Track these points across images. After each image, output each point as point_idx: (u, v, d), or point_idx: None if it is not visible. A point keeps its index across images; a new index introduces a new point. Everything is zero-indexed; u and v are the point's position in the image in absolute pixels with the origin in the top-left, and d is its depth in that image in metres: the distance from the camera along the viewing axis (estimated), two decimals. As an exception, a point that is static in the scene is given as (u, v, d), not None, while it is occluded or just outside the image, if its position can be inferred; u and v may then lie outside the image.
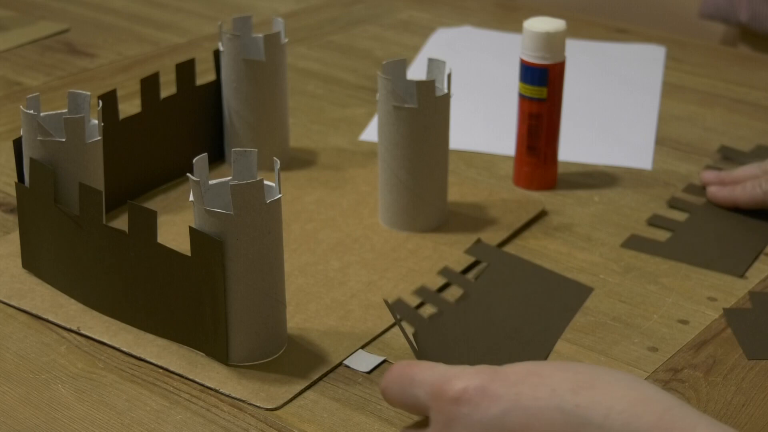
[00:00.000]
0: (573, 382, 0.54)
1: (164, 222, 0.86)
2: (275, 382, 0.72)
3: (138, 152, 0.92)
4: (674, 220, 0.91)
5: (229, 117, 0.97)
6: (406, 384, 0.59)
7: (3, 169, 0.99)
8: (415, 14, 1.39)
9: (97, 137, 0.80)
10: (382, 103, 0.86)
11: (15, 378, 0.72)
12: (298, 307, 0.79)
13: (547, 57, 0.92)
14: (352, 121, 1.09)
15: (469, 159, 1.02)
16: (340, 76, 1.20)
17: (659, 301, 0.81)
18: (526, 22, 0.92)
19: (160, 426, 0.68)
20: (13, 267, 0.83)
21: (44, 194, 0.78)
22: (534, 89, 0.93)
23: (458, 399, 0.55)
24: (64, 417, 0.69)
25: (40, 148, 0.78)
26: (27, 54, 1.25)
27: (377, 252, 0.86)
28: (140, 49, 1.27)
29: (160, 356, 0.74)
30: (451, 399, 0.56)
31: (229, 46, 0.94)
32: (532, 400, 0.54)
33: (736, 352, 0.75)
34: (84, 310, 0.78)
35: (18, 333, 0.77)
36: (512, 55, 1.01)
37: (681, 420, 0.52)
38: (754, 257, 0.86)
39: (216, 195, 0.71)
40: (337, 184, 0.96)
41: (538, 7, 1.31)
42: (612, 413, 0.52)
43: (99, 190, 0.76)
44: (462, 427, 0.55)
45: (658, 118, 1.10)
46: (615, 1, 1.59)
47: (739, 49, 1.41)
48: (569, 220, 0.91)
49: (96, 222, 0.76)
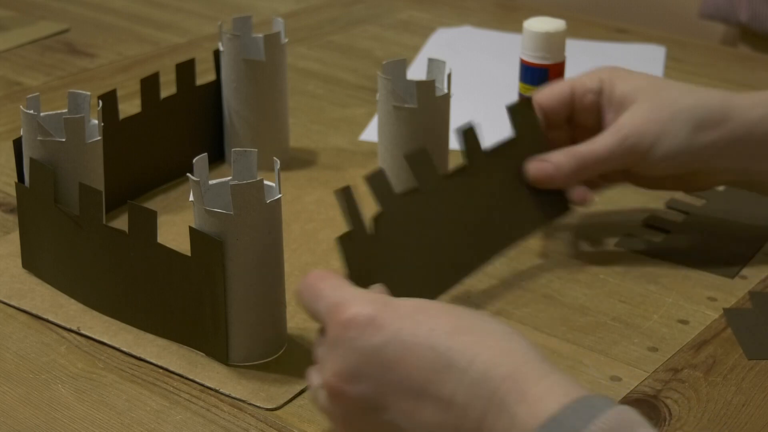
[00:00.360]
0: (453, 325, 0.58)
1: (164, 222, 0.86)
2: (275, 382, 0.72)
3: (138, 152, 0.92)
4: (671, 221, 0.91)
5: (229, 117, 0.97)
6: (312, 297, 0.63)
7: (3, 169, 0.99)
8: (415, 14, 1.39)
9: (97, 137, 0.80)
10: (382, 103, 0.86)
11: (15, 378, 0.72)
12: (298, 307, 0.79)
13: (547, 57, 0.92)
14: (352, 121, 1.09)
15: (469, 159, 1.02)
16: (340, 76, 1.20)
17: (659, 301, 0.81)
18: (526, 22, 0.92)
19: (160, 426, 0.68)
20: (13, 267, 0.83)
21: (44, 194, 0.78)
22: (534, 89, 0.93)
23: (347, 323, 0.59)
24: (64, 417, 0.69)
25: (40, 148, 0.78)
26: (27, 54, 1.25)
27: (377, 252, 0.86)
28: (140, 49, 1.27)
29: (160, 356, 0.74)
30: (342, 322, 0.60)
31: (229, 46, 0.94)
32: (411, 336, 0.58)
33: (736, 352, 0.75)
34: (84, 310, 0.78)
35: (18, 333, 0.77)
36: (512, 55, 1.01)
37: (534, 371, 0.56)
38: (747, 260, 0.86)
39: (216, 195, 0.71)
40: (337, 184, 0.96)
41: (538, 7, 1.31)
42: (476, 360, 0.56)
43: (99, 190, 0.76)
44: (344, 350, 0.59)
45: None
46: (615, 1, 1.59)
47: (739, 49, 1.41)
48: (569, 220, 0.91)
49: (96, 222, 0.76)
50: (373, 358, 0.59)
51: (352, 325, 0.59)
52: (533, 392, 0.55)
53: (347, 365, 0.59)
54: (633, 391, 0.71)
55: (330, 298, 0.62)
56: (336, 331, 0.60)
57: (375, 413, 0.59)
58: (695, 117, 0.81)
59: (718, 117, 0.81)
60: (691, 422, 0.69)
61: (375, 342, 0.59)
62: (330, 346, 0.60)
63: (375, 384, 0.59)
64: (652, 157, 0.81)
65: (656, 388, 0.72)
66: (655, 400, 0.70)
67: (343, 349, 0.59)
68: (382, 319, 0.59)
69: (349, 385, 0.59)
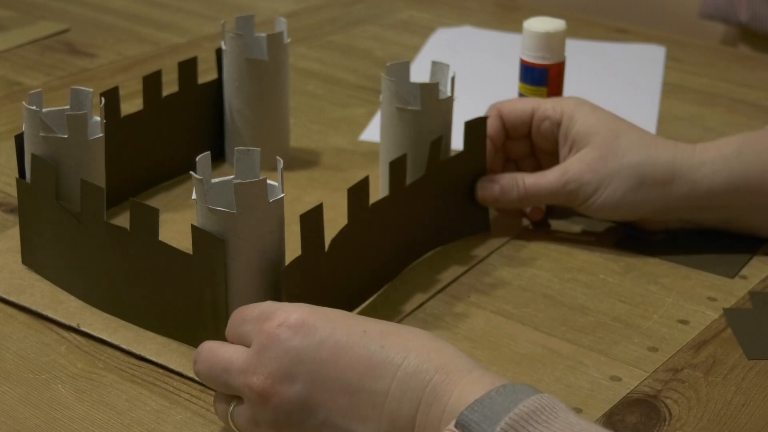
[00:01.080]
0: (383, 328, 0.62)
1: (165, 220, 0.86)
2: (276, 381, 0.72)
3: (139, 149, 0.92)
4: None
5: (230, 116, 0.97)
6: (237, 321, 0.65)
7: (3, 169, 0.99)
8: (415, 14, 1.39)
9: (99, 134, 0.80)
10: (385, 105, 0.86)
11: (15, 378, 0.72)
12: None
13: (547, 57, 0.92)
14: (352, 121, 1.09)
15: (469, 159, 1.02)
16: (340, 76, 1.20)
17: (659, 301, 0.81)
18: (526, 22, 0.92)
19: (160, 426, 0.68)
20: (12, 263, 0.83)
21: (45, 190, 0.78)
22: (534, 89, 0.93)
23: (278, 327, 0.62)
24: (64, 417, 0.69)
25: (42, 144, 0.78)
26: (27, 54, 1.25)
27: (378, 251, 0.86)
28: (140, 49, 1.27)
29: (159, 354, 0.74)
30: (272, 327, 0.62)
31: (231, 45, 0.94)
32: (346, 336, 0.61)
33: (736, 352, 0.75)
34: (84, 306, 0.78)
35: (18, 333, 0.77)
36: (512, 55, 1.01)
37: (463, 365, 0.59)
38: (746, 260, 0.86)
39: (218, 193, 0.71)
40: (337, 184, 0.96)
41: (538, 7, 1.31)
42: (410, 355, 0.60)
43: (100, 186, 0.76)
44: (278, 351, 0.61)
45: (658, 118, 1.10)
46: (615, 1, 1.59)
47: (739, 49, 1.41)
48: (569, 220, 0.91)
49: (97, 219, 0.76)
50: (307, 358, 0.61)
51: (284, 328, 0.61)
52: (463, 382, 0.58)
53: (280, 366, 0.61)
54: (633, 391, 0.71)
55: (258, 311, 0.64)
56: (265, 336, 0.62)
57: (307, 413, 0.61)
58: (639, 174, 0.83)
59: (662, 177, 0.83)
60: (691, 422, 0.69)
61: (309, 342, 0.61)
62: (258, 352, 0.62)
63: (309, 383, 0.60)
64: (591, 205, 0.85)
65: (656, 388, 0.72)
66: (655, 400, 0.71)
67: (276, 351, 0.61)
68: (313, 321, 0.62)
69: (282, 386, 0.61)
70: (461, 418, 0.55)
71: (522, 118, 0.88)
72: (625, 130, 0.85)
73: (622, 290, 0.82)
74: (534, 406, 0.55)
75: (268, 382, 0.61)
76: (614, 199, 0.84)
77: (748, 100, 1.15)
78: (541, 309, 0.80)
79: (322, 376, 0.60)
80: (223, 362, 0.64)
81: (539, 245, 0.88)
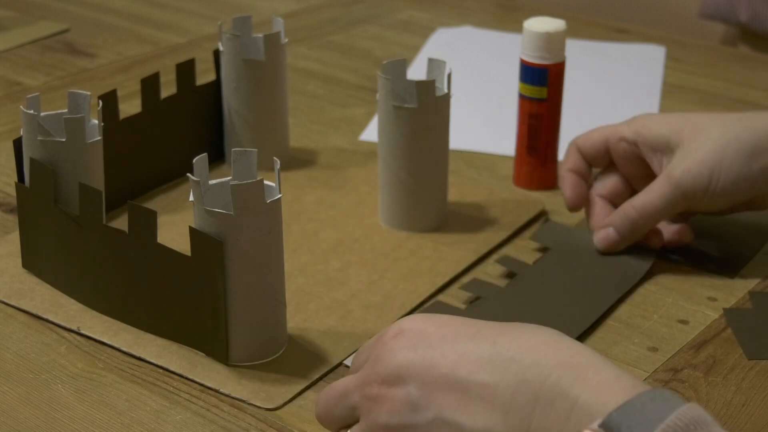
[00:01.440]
0: (497, 328, 0.59)
1: (164, 222, 0.86)
2: (275, 382, 0.72)
3: (138, 152, 0.92)
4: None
5: (229, 117, 0.97)
6: (356, 366, 0.63)
7: (3, 169, 0.99)
8: (415, 14, 1.39)
9: (97, 137, 0.80)
10: (382, 103, 0.86)
11: (15, 378, 0.72)
12: (298, 307, 0.79)
13: (547, 57, 0.92)
14: (352, 121, 1.09)
15: (469, 159, 1.02)
16: (340, 76, 1.20)
17: (659, 301, 0.81)
18: (526, 22, 0.92)
19: (160, 426, 0.68)
20: (13, 267, 0.83)
21: (44, 194, 0.78)
22: (534, 89, 0.93)
23: (393, 336, 0.60)
24: (64, 417, 0.69)
25: (40, 148, 0.78)
26: (27, 54, 1.25)
27: (377, 252, 0.86)
28: (140, 49, 1.27)
29: (160, 356, 0.74)
30: (388, 337, 0.60)
31: (229, 46, 0.94)
32: (456, 335, 0.59)
33: (736, 352, 0.75)
34: (84, 309, 0.78)
35: (18, 333, 0.77)
36: (512, 55, 1.01)
37: (591, 362, 0.56)
38: (746, 260, 0.86)
39: (216, 195, 0.71)
40: (337, 184, 0.96)
41: (538, 7, 1.31)
42: (525, 349, 0.57)
43: (99, 190, 0.76)
44: (388, 356, 0.60)
45: (658, 118, 1.10)
46: (615, 1, 1.59)
47: (739, 49, 1.41)
48: (569, 220, 0.91)
49: (96, 222, 0.76)
50: (417, 359, 0.59)
51: (397, 338, 0.60)
52: (596, 380, 0.54)
53: (391, 371, 0.59)
54: (633, 391, 0.71)
55: (369, 344, 0.63)
56: (378, 349, 0.61)
57: (418, 412, 0.58)
58: (745, 147, 0.81)
59: (765, 142, 0.81)
60: (691, 422, 0.69)
61: (419, 344, 0.59)
62: (371, 365, 0.61)
63: (420, 383, 0.58)
64: (710, 195, 0.81)
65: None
66: (655, 400, 0.70)
67: (386, 358, 0.60)
68: (425, 327, 0.60)
69: (394, 389, 0.59)
70: (610, 420, 0.52)
71: (597, 147, 0.86)
72: (706, 116, 0.83)
73: (621, 290, 0.82)
74: (688, 417, 0.52)
75: (382, 388, 0.60)
76: (732, 178, 0.80)
77: (748, 100, 1.15)
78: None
79: (432, 374, 0.58)
80: (340, 389, 0.63)
81: (539, 245, 0.88)
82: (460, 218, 0.91)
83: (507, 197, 0.94)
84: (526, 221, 0.91)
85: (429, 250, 0.86)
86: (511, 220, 0.90)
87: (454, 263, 0.84)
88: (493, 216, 0.91)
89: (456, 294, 0.81)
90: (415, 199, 0.88)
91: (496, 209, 0.92)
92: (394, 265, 0.84)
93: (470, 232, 0.89)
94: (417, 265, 0.84)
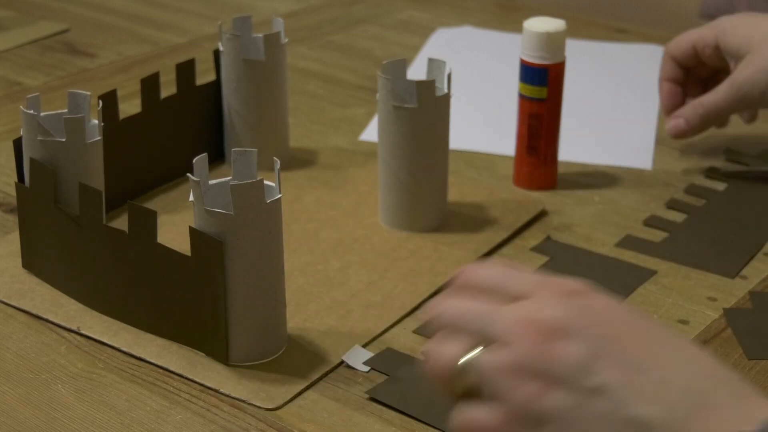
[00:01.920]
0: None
1: (164, 222, 0.86)
2: (275, 382, 0.72)
3: (138, 152, 0.92)
4: (671, 221, 0.91)
5: (229, 117, 0.97)
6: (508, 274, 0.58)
7: (3, 169, 0.99)
8: (415, 14, 1.39)
9: (97, 137, 0.80)
10: (382, 103, 0.86)
11: (15, 378, 0.72)
12: (298, 307, 0.79)
13: (547, 57, 0.92)
14: (352, 121, 1.09)
15: (469, 159, 1.02)
16: (340, 76, 1.20)
17: (659, 301, 0.81)
18: (526, 22, 0.92)
19: (160, 426, 0.68)
20: (13, 267, 0.83)
21: (44, 194, 0.78)
22: (534, 89, 0.93)
23: (574, 289, 0.56)
24: (64, 417, 0.69)
25: (40, 148, 0.78)
26: (27, 54, 1.25)
27: (377, 252, 0.86)
28: (140, 49, 1.27)
29: (160, 356, 0.74)
30: (566, 288, 0.56)
31: (228, 46, 0.94)
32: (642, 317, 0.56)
33: (736, 352, 0.75)
34: (84, 309, 0.78)
35: (18, 333, 0.77)
36: (512, 55, 1.01)
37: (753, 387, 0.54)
38: (747, 260, 0.86)
39: (216, 195, 0.71)
40: (337, 184, 0.96)
41: (538, 7, 1.31)
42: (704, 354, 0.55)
43: (99, 190, 0.76)
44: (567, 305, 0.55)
45: (658, 118, 1.10)
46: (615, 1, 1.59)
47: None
48: (569, 220, 0.91)
49: (96, 222, 0.76)
50: (599, 320, 0.55)
51: (582, 291, 0.56)
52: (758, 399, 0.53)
53: (565, 318, 0.55)
54: (633, 391, 0.71)
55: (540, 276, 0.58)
56: (555, 292, 0.56)
57: (583, 375, 0.54)
58: None
59: None
60: (691, 422, 0.69)
61: (608, 306, 0.56)
62: (541, 302, 0.56)
63: (595, 347, 0.54)
64: (765, 100, 0.94)
65: (656, 388, 0.72)
66: (655, 400, 0.70)
67: (565, 305, 0.55)
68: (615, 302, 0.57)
69: (565, 341, 0.54)
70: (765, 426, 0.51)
71: (687, 52, 0.98)
72: None
73: (621, 290, 0.82)
74: None
75: (555, 332, 0.54)
76: None
77: (748, 99, 1.15)
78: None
79: (611, 343, 0.54)
80: (484, 307, 0.57)
81: (540, 245, 0.88)
82: (460, 218, 0.91)
83: (507, 197, 0.94)
84: (526, 221, 0.91)
85: (429, 250, 0.86)
86: (511, 220, 0.90)
87: (454, 263, 0.84)
88: (493, 216, 0.91)
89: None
90: (415, 199, 0.88)
91: (496, 209, 0.92)
92: (394, 265, 0.84)
93: (470, 232, 0.89)
94: (417, 265, 0.84)
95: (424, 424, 0.68)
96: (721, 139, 1.06)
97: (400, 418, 0.69)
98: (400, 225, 0.89)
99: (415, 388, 0.71)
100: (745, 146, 1.04)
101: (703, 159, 1.02)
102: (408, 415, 0.69)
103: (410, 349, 0.75)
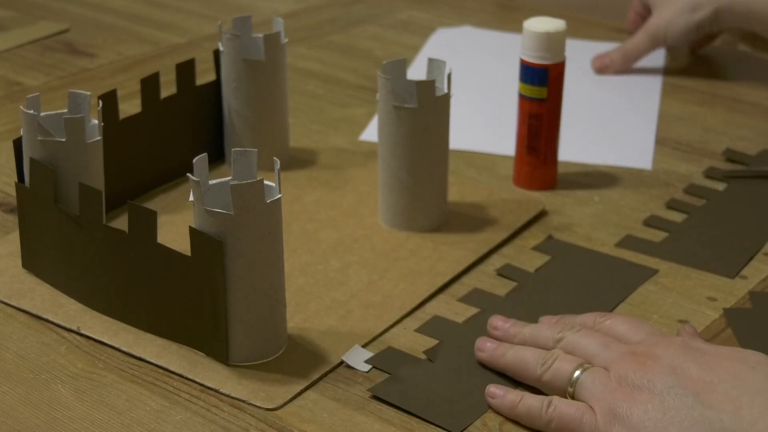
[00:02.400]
0: None
1: (164, 222, 0.86)
2: (275, 382, 0.72)
3: (138, 152, 0.92)
4: (671, 221, 0.91)
5: (229, 117, 0.97)
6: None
7: (3, 169, 0.99)
8: (415, 14, 1.39)
9: (97, 137, 0.80)
10: (382, 103, 0.86)
11: (15, 378, 0.72)
12: (298, 307, 0.79)
13: (547, 57, 0.92)
14: (352, 121, 1.09)
15: (469, 159, 1.02)
16: (340, 76, 1.20)
17: (659, 301, 0.81)
18: (526, 22, 0.92)
19: (160, 426, 0.68)
20: (13, 267, 0.83)
21: (44, 194, 0.78)
22: (534, 89, 0.93)
23: (673, 339, 0.69)
24: (64, 417, 0.69)
25: (40, 148, 0.78)
26: (27, 54, 1.25)
27: (377, 252, 0.86)
28: (140, 49, 1.27)
29: (160, 356, 0.74)
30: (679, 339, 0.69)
31: (228, 46, 0.94)
32: None
33: (736, 352, 0.75)
34: (84, 310, 0.78)
35: (18, 333, 0.77)
36: (512, 55, 1.01)
37: None
38: (747, 260, 0.86)
39: (216, 195, 0.71)
40: (337, 184, 0.96)
41: (538, 7, 1.31)
42: None
43: (99, 190, 0.76)
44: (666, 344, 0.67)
45: (658, 118, 1.10)
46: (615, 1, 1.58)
47: (739, 49, 1.41)
48: (569, 220, 0.91)
49: (96, 222, 0.76)
50: (691, 353, 0.66)
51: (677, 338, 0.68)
52: None
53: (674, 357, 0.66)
54: (633, 391, 0.71)
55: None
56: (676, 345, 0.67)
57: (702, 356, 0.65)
58: (687, 5, 1.17)
59: (703, 1, 1.16)
60: (691, 422, 0.69)
61: (699, 345, 0.67)
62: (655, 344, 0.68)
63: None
64: (670, 40, 1.19)
65: (656, 388, 0.72)
66: (655, 400, 0.70)
67: (663, 345, 0.67)
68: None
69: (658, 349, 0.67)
70: None
71: None
72: None
73: (621, 290, 0.82)
74: None
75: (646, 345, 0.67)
76: (680, 29, 1.17)
77: (748, 100, 1.15)
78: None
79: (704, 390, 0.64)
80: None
81: (540, 245, 0.88)
82: (460, 218, 0.91)
83: (507, 197, 0.94)
84: (526, 221, 0.91)
85: (429, 250, 0.86)
86: (511, 220, 0.90)
87: (454, 263, 0.84)
88: (493, 216, 0.91)
89: (455, 303, 0.81)
90: (415, 199, 0.88)
91: (496, 209, 0.92)
92: (394, 265, 0.84)
93: (470, 232, 0.89)
94: (417, 265, 0.84)
95: (425, 424, 0.68)
96: (721, 139, 1.06)
97: (399, 418, 0.69)
98: (400, 225, 0.89)
99: (416, 387, 0.71)
100: (745, 146, 1.04)
101: (703, 159, 1.02)
102: (409, 413, 0.69)
103: (410, 349, 0.75)
